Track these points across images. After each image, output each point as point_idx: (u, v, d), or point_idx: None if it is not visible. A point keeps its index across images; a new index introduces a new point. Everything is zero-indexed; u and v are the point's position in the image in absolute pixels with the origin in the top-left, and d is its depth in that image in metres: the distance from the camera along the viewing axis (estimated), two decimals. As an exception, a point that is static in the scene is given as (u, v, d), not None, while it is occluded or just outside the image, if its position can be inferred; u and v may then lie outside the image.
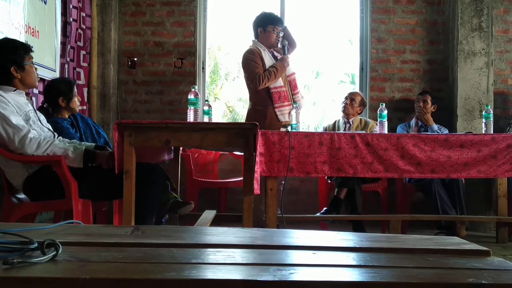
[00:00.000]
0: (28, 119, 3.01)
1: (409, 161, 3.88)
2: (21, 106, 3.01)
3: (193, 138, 3.13)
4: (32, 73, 3.08)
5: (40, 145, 2.88)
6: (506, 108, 5.36)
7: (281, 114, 4.40)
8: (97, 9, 5.19)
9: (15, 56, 3.02)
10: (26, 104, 3.09)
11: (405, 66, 5.49)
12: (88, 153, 2.97)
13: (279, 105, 4.40)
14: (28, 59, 3.05)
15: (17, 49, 3.05)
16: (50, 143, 2.91)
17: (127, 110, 5.49)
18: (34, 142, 2.86)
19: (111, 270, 0.94)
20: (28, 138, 2.85)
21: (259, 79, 4.31)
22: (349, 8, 8.82)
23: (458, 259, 1.09)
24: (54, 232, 1.26)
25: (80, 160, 2.94)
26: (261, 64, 4.40)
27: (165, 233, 1.33)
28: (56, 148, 2.91)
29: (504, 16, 5.37)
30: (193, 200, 3.88)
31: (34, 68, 3.12)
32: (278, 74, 4.36)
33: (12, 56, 3.02)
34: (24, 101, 3.09)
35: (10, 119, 2.85)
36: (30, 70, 3.06)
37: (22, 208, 3.03)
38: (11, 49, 3.03)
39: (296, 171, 3.79)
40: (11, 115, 2.87)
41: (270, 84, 4.37)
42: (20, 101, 3.04)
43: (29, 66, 3.06)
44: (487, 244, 4.08)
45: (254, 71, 4.36)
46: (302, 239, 1.33)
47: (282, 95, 4.41)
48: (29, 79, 3.07)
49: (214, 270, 0.97)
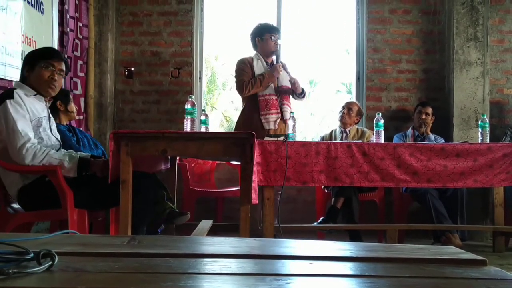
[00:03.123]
0: (39, 126, 2.99)
1: (406, 170, 3.89)
2: (36, 111, 2.99)
3: (190, 148, 3.14)
4: (41, 76, 3.00)
5: (36, 155, 2.86)
6: (502, 118, 5.37)
7: (266, 121, 4.41)
8: (94, 19, 5.21)
9: (30, 58, 3.07)
10: (42, 110, 3.07)
11: (401, 76, 5.51)
12: (82, 161, 2.95)
13: (265, 112, 4.41)
14: (43, 62, 3.00)
15: (36, 52, 3.12)
16: (46, 153, 2.89)
17: (124, 119, 5.49)
18: (30, 152, 2.84)
19: (107, 280, 0.94)
20: (25, 148, 2.83)
21: (243, 86, 4.38)
22: (345, 18, 8.86)
23: (454, 268, 1.08)
24: (50, 242, 1.25)
25: (75, 170, 2.92)
26: (249, 72, 4.45)
27: (162, 243, 1.32)
28: (52, 158, 2.90)
29: (499, 26, 5.40)
30: (190, 210, 3.88)
31: (53, 75, 3.03)
32: (265, 82, 4.38)
33: (29, 57, 3.08)
34: (41, 107, 3.07)
35: (17, 123, 2.83)
36: (40, 72, 3.00)
37: (17, 218, 3.01)
38: (35, 52, 3.12)
39: (293, 181, 3.79)
40: (20, 119, 2.85)
41: (257, 91, 4.40)
42: (37, 106, 3.03)
43: (41, 68, 3.00)
44: (484, 253, 4.08)
45: (239, 78, 4.44)
46: (299, 249, 1.33)
47: (269, 103, 4.42)
48: (36, 80, 3.01)
49: (210, 280, 0.96)
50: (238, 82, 4.45)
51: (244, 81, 4.38)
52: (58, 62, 3.06)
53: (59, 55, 3.12)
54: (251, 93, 4.38)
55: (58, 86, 3.10)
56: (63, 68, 3.10)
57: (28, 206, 3.04)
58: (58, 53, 3.15)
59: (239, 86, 4.42)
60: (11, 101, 2.86)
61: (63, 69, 3.09)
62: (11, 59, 3.52)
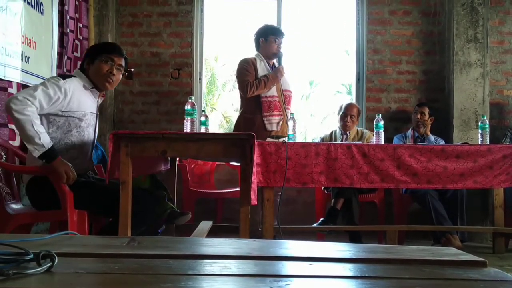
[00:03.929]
0: (82, 119, 3.01)
1: (406, 171, 3.89)
2: (82, 105, 3.01)
3: (189, 149, 3.13)
4: (100, 69, 3.05)
5: (23, 111, 2.73)
6: (502, 119, 5.38)
7: (269, 123, 4.39)
8: (94, 20, 5.21)
9: (91, 51, 3.13)
10: (91, 105, 3.10)
11: (401, 77, 5.51)
12: (52, 151, 2.83)
13: (268, 114, 4.40)
14: (104, 56, 3.05)
15: (97, 46, 3.22)
16: (31, 121, 2.75)
17: (124, 120, 5.49)
18: (22, 104, 2.73)
19: (107, 281, 0.94)
20: (23, 99, 2.74)
21: (247, 86, 4.34)
22: (345, 19, 8.87)
23: (454, 270, 1.08)
24: (50, 243, 1.25)
25: (39, 152, 2.78)
26: (253, 73, 4.42)
27: (161, 244, 1.32)
28: (29, 127, 2.75)
29: (499, 28, 5.40)
30: (190, 210, 3.86)
31: (112, 69, 3.06)
32: (269, 84, 4.37)
33: (90, 51, 3.15)
34: (91, 102, 3.10)
35: (39, 91, 2.81)
36: (99, 66, 3.05)
37: (17, 219, 3.01)
38: (97, 45, 3.25)
39: (292, 182, 3.79)
40: (43, 93, 2.82)
41: (260, 93, 4.38)
42: (87, 100, 3.06)
43: (101, 62, 3.05)
44: (484, 254, 4.08)
45: (244, 79, 4.40)
46: (299, 250, 1.33)
47: (272, 104, 4.41)
48: (95, 73, 3.07)
49: (210, 281, 0.96)
50: (242, 82, 4.41)
51: (249, 82, 4.35)
52: (118, 57, 3.11)
53: (119, 50, 3.16)
54: (255, 94, 4.37)
55: (115, 81, 3.15)
56: (123, 64, 3.15)
57: (33, 199, 3.05)
58: (119, 48, 3.19)
59: (243, 87, 4.38)
60: (58, 80, 2.91)
61: (122, 64, 3.14)
62: (11, 60, 3.52)
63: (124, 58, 3.17)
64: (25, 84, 3.71)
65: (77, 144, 3.04)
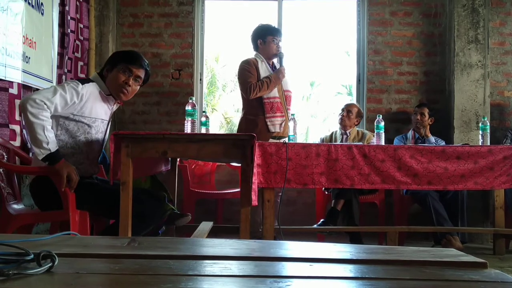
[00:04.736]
0: (91, 126, 3.00)
1: (406, 172, 3.88)
2: (94, 112, 3.00)
3: (190, 149, 3.13)
4: (116, 79, 3.02)
5: (38, 115, 2.74)
6: (503, 120, 5.38)
7: (272, 124, 4.38)
8: (95, 21, 5.21)
9: (112, 59, 3.10)
10: (104, 112, 3.10)
11: (402, 78, 5.51)
12: (56, 154, 2.83)
13: (270, 115, 4.38)
14: (122, 65, 3.02)
15: (119, 54, 3.17)
16: (43, 126, 2.75)
17: (125, 121, 5.49)
18: (38, 108, 2.74)
19: (107, 282, 0.94)
20: (40, 102, 2.74)
21: (250, 88, 4.31)
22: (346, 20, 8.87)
23: (455, 271, 1.08)
24: (51, 243, 1.25)
25: (43, 155, 2.79)
26: (255, 74, 4.39)
27: (162, 244, 1.32)
28: (40, 131, 2.75)
29: (500, 29, 5.40)
30: (190, 211, 3.87)
31: (128, 80, 3.04)
32: (272, 85, 4.35)
33: (112, 58, 3.12)
34: (104, 109, 3.10)
35: (57, 95, 2.80)
36: (117, 75, 3.02)
37: (19, 219, 3.02)
38: (119, 53, 3.19)
39: (293, 182, 3.79)
40: (60, 98, 2.82)
41: (263, 94, 4.35)
42: (100, 106, 3.05)
43: (119, 71, 3.02)
44: (484, 256, 4.07)
45: (246, 81, 4.37)
46: (299, 251, 1.33)
47: (274, 106, 4.40)
48: (111, 82, 3.04)
49: (210, 282, 0.96)
50: (245, 84, 4.38)
51: (251, 84, 4.31)
52: (138, 68, 3.07)
53: (140, 61, 3.09)
54: (257, 96, 4.35)
55: (131, 92, 3.11)
56: (141, 76, 3.10)
57: (37, 199, 3.05)
58: (140, 59, 3.11)
59: (246, 88, 4.34)
60: (77, 85, 2.90)
61: (141, 76, 3.10)
62: (12, 60, 3.52)
63: (145, 70, 3.11)
64: (26, 85, 3.71)
65: (84, 149, 3.03)
